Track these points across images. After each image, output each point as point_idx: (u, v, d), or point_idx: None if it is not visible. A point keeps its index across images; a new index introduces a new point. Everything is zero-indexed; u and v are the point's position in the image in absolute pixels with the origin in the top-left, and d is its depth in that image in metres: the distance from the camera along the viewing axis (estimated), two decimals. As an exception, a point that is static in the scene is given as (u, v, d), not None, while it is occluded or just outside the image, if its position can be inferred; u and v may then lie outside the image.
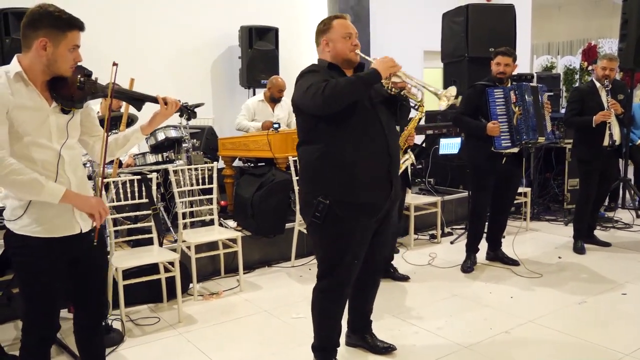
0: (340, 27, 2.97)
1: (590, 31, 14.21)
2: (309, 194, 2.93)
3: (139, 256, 3.99)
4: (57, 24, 2.22)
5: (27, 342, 2.43)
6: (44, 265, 2.33)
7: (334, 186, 2.84)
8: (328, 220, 2.85)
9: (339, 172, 2.83)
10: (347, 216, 2.85)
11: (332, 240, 2.92)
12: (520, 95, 4.53)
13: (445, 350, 3.40)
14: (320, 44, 3.03)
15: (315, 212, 2.85)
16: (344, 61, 2.98)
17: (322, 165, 2.87)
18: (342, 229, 2.88)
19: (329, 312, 3.07)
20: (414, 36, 9.43)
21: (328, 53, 2.99)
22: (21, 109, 2.21)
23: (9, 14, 5.61)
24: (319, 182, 2.88)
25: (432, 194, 6.26)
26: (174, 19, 7.37)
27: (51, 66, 2.26)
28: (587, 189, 5.31)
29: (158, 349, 3.56)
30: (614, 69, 5.19)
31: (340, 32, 2.95)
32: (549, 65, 11.37)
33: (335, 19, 3.00)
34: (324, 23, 3.03)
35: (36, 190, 2.21)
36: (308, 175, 2.96)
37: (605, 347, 3.36)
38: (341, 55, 2.97)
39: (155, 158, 5.13)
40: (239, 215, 5.30)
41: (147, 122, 2.62)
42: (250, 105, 6.45)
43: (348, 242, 2.91)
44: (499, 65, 4.63)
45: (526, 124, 4.52)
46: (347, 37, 2.96)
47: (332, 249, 2.95)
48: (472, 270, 4.83)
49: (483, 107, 4.57)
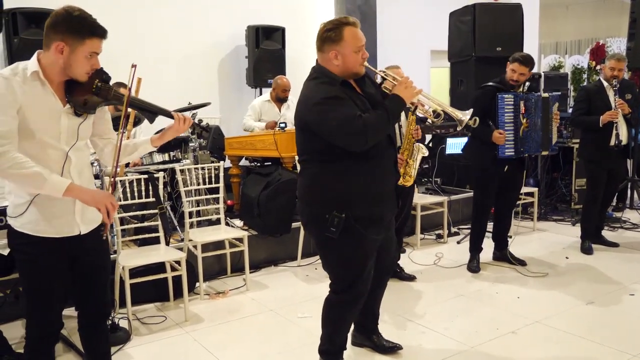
0: (352, 39, 2.78)
1: (598, 30, 14.14)
2: (318, 208, 2.83)
3: (145, 255, 4.00)
4: (77, 30, 2.22)
5: (31, 339, 2.45)
6: (44, 264, 2.35)
7: (348, 201, 2.79)
8: (344, 234, 2.79)
9: (354, 188, 2.79)
10: (361, 229, 2.81)
11: (348, 253, 2.88)
12: (529, 107, 4.52)
13: (452, 350, 3.39)
14: (325, 51, 2.81)
15: (330, 227, 2.77)
16: (351, 74, 2.84)
17: (335, 181, 2.81)
18: (357, 242, 2.84)
19: (344, 322, 3.07)
20: (421, 35, 9.42)
21: (336, 66, 2.80)
22: (33, 108, 2.22)
23: (17, 14, 5.63)
24: (332, 197, 2.80)
25: (438, 194, 6.25)
26: (181, 19, 7.38)
27: (67, 69, 2.27)
28: (594, 189, 5.29)
29: (164, 347, 3.57)
30: (623, 69, 5.16)
31: (352, 46, 2.77)
32: (556, 65, 11.30)
33: (345, 27, 2.78)
34: (334, 32, 2.78)
35: (38, 183, 2.20)
36: (316, 191, 2.87)
37: (612, 348, 3.34)
38: (351, 69, 2.81)
39: (162, 157, 5.13)
40: (246, 214, 5.31)
41: (158, 136, 2.61)
42: (257, 106, 6.46)
43: (364, 253, 2.89)
44: (514, 72, 4.57)
45: (532, 137, 4.53)
46: (358, 51, 2.80)
47: (348, 263, 2.91)
48: (479, 270, 4.81)
49: (491, 111, 4.53)
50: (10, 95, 2.17)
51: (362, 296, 2.99)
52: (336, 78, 2.80)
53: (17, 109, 2.19)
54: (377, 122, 2.69)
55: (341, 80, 2.80)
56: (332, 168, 2.80)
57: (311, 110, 2.76)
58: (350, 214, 2.77)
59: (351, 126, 2.64)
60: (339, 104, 2.71)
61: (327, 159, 2.80)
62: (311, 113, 2.77)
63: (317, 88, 2.79)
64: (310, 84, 2.85)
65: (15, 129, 2.19)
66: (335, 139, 2.72)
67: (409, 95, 2.80)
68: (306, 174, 2.93)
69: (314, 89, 2.80)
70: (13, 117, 2.18)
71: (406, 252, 5.40)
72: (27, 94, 2.22)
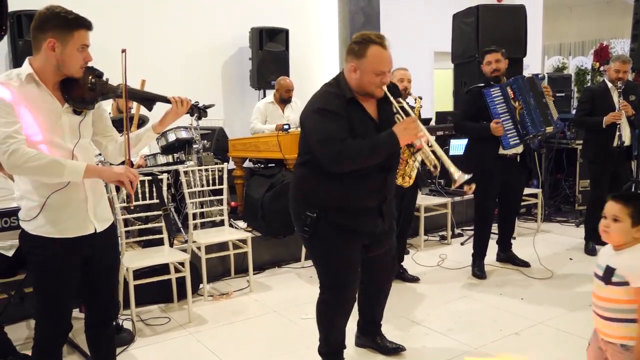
0: (375, 61, 2.69)
1: (602, 32, 14.12)
2: (298, 207, 2.90)
3: (149, 256, 4.02)
4: (64, 24, 2.24)
5: (40, 340, 2.45)
6: (58, 265, 2.36)
7: (324, 207, 2.81)
8: (317, 236, 2.83)
9: (331, 197, 2.80)
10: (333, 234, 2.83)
11: (324, 255, 2.92)
12: (517, 88, 4.46)
13: (455, 352, 3.39)
14: (348, 62, 2.78)
15: (304, 227, 2.83)
16: (366, 93, 2.79)
17: (317, 185, 2.82)
18: (330, 245, 2.86)
19: (333, 323, 3.07)
20: (424, 37, 9.43)
21: (354, 80, 2.76)
22: (33, 110, 2.24)
23: (22, 16, 5.66)
24: (310, 204, 2.83)
25: (442, 195, 6.25)
26: (185, 20, 7.41)
27: (61, 67, 2.28)
28: (598, 190, 5.28)
29: (168, 349, 3.58)
30: (627, 71, 5.16)
31: (373, 67, 2.70)
32: (560, 66, 11.30)
33: (372, 46, 2.70)
34: (358, 46, 2.73)
35: (57, 170, 2.22)
36: (298, 196, 2.92)
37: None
38: (365, 88, 2.76)
39: (166, 159, 5.15)
40: (249, 216, 5.32)
41: (159, 121, 2.64)
42: (262, 108, 6.47)
43: (340, 258, 2.90)
44: (490, 64, 4.57)
45: (530, 116, 4.45)
46: (378, 74, 2.72)
47: (327, 264, 2.95)
48: (484, 276, 4.72)
49: (483, 109, 4.49)
50: (11, 97, 2.19)
51: (345, 299, 2.99)
52: (346, 92, 2.76)
53: (20, 109, 2.20)
54: (356, 152, 2.65)
55: (350, 97, 2.75)
56: (318, 173, 2.79)
57: (309, 115, 2.79)
58: (324, 217, 2.80)
59: (328, 147, 2.65)
60: (331, 120, 2.68)
61: (316, 164, 2.78)
62: (308, 118, 2.80)
63: (323, 95, 2.80)
64: (322, 88, 2.86)
65: (21, 129, 2.20)
66: (315, 151, 2.74)
67: (406, 137, 2.70)
68: (296, 174, 2.98)
69: (321, 95, 2.81)
70: (18, 119, 2.19)
71: (410, 253, 5.39)
72: (26, 97, 2.23)
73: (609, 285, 2.23)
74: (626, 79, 5.16)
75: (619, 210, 2.29)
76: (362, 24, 8.35)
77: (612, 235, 2.29)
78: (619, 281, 2.20)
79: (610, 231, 2.28)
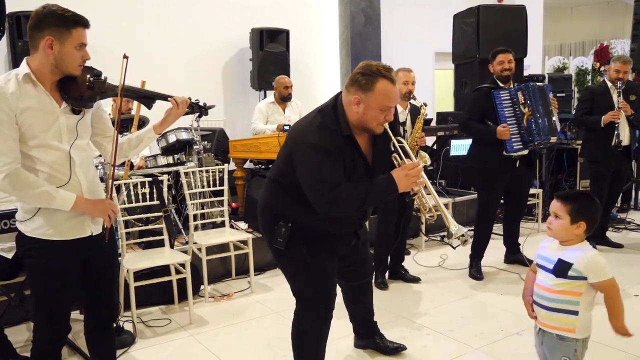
0: (383, 96, 2.49)
1: (603, 32, 14.13)
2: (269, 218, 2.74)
3: (150, 258, 4.01)
4: (61, 22, 2.24)
5: (39, 343, 2.45)
6: (56, 267, 2.36)
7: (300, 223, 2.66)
8: (293, 244, 2.65)
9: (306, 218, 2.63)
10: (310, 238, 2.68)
11: (299, 267, 2.73)
12: (528, 95, 4.49)
13: (457, 352, 3.39)
14: (350, 93, 2.54)
15: (277, 238, 2.66)
16: (365, 129, 2.60)
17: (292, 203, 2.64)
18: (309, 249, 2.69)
19: (319, 344, 2.89)
20: (425, 38, 9.43)
21: (355, 113, 2.54)
22: (29, 111, 2.23)
23: (21, 17, 5.66)
24: (286, 214, 2.68)
25: (443, 196, 6.25)
26: (185, 21, 7.41)
27: (59, 65, 2.27)
28: (598, 190, 5.28)
29: (169, 350, 3.58)
30: (628, 71, 5.16)
31: (379, 103, 2.49)
32: (560, 67, 11.29)
33: (380, 80, 2.49)
34: (365, 78, 2.50)
35: (46, 201, 2.27)
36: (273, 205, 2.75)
37: (617, 349, 3.33)
38: (367, 124, 2.56)
39: (167, 160, 5.15)
40: (250, 217, 5.31)
41: (159, 122, 2.64)
42: (263, 108, 6.47)
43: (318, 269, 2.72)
44: (502, 63, 4.57)
45: (537, 124, 4.47)
46: (383, 110, 2.53)
47: (302, 277, 2.77)
48: (481, 277, 4.70)
49: (490, 110, 4.51)
50: (6, 106, 2.18)
51: (329, 308, 2.81)
52: (344, 129, 2.55)
53: (15, 118, 2.20)
54: (352, 200, 2.50)
55: (346, 134, 2.55)
56: (296, 195, 2.59)
57: (301, 146, 2.56)
58: (299, 227, 2.65)
59: (324, 191, 2.48)
60: (329, 161, 2.49)
61: (294, 188, 2.60)
62: (299, 149, 2.56)
63: (320, 129, 2.53)
64: (318, 118, 2.58)
65: (15, 143, 2.21)
66: (306, 189, 2.54)
67: (406, 185, 2.55)
68: (269, 187, 2.80)
69: (315, 129, 2.54)
70: (13, 129, 2.20)
71: (411, 254, 5.39)
72: (22, 98, 2.23)
73: (560, 278, 2.38)
74: (626, 79, 5.17)
75: (559, 208, 2.46)
76: (362, 25, 8.36)
77: (554, 230, 2.45)
78: (577, 275, 2.36)
79: (552, 227, 2.45)
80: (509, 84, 4.60)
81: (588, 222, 2.45)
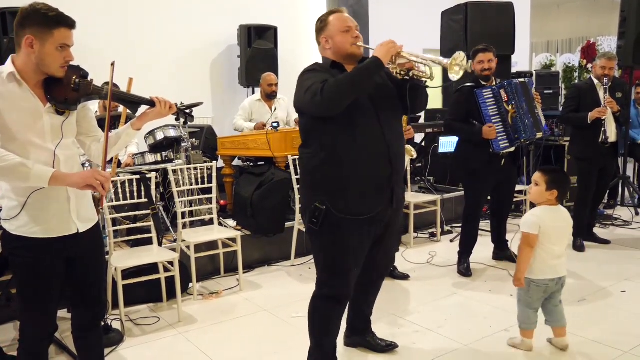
0: (338, 21, 2.85)
1: (590, 29, 14.20)
2: (307, 198, 2.87)
3: (138, 256, 3.99)
4: (44, 22, 2.20)
5: (25, 342, 2.43)
6: (41, 266, 2.33)
7: (330, 194, 2.75)
8: (325, 227, 2.76)
9: (334, 181, 2.75)
10: (343, 223, 2.75)
11: (330, 246, 2.82)
12: (511, 92, 4.48)
13: (446, 349, 3.40)
14: (320, 42, 2.92)
15: (312, 218, 2.77)
16: (346, 56, 2.85)
17: (318, 172, 2.78)
18: (339, 235, 2.78)
19: (329, 320, 2.97)
20: (413, 34, 9.35)
21: (329, 50, 2.88)
22: (13, 110, 2.21)
23: (6, 14, 5.61)
24: (317, 188, 2.80)
25: (431, 192, 6.26)
26: (173, 18, 7.37)
27: (40, 65, 2.24)
28: (585, 186, 5.31)
29: (158, 348, 3.56)
30: (613, 67, 5.19)
31: (338, 27, 2.84)
32: (548, 64, 11.33)
33: (331, 15, 2.90)
34: (320, 20, 2.92)
35: (23, 174, 2.16)
36: (306, 179, 2.90)
37: (605, 345, 3.35)
38: (342, 50, 2.84)
39: (155, 157, 5.12)
40: (239, 214, 5.30)
41: (137, 118, 2.58)
42: (247, 105, 6.46)
43: (346, 249, 2.81)
44: (482, 63, 4.53)
45: (522, 121, 4.48)
46: (346, 31, 2.83)
47: (330, 256, 2.84)
48: (470, 273, 4.71)
49: (474, 110, 4.49)
50: None
51: (344, 295, 2.91)
52: (325, 65, 2.88)
53: None
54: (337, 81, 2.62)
55: (330, 63, 2.87)
56: (320, 155, 2.76)
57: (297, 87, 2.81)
58: (332, 206, 2.73)
59: (313, 89, 2.64)
60: (313, 75, 2.76)
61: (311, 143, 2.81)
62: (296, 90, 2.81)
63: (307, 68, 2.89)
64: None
65: None
66: (305, 106, 2.74)
67: (385, 52, 2.69)
68: (300, 160, 2.94)
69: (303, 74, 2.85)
70: None
71: (400, 250, 5.40)
72: (5, 96, 2.20)
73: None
74: (612, 75, 5.20)
75: (539, 177, 3.16)
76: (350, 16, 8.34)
77: (532, 194, 3.18)
78: None
79: (531, 192, 3.18)
80: (491, 81, 4.59)
81: (560, 190, 3.13)
